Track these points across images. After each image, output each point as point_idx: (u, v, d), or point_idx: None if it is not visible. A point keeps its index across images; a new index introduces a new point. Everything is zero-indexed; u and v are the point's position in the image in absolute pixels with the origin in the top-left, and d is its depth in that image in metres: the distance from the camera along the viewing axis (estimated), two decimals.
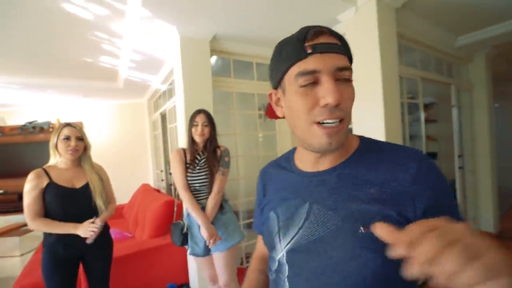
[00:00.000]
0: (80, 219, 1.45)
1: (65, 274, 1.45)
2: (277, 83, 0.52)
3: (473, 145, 3.32)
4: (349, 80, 0.47)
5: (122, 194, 4.19)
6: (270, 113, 0.60)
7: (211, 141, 1.67)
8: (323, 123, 0.46)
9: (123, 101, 4.55)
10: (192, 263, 2.11)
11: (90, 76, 3.27)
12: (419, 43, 2.39)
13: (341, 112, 0.46)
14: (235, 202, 2.76)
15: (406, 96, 2.39)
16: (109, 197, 1.65)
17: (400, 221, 0.44)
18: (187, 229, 1.67)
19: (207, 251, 1.63)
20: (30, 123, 4.20)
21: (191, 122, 1.65)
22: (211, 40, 2.17)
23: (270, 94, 0.56)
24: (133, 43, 2.24)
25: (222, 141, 2.04)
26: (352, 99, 0.48)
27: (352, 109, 0.50)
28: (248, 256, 2.65)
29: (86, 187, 1.52)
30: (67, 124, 1.51)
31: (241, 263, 2.54)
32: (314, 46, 0.46)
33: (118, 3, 1.71)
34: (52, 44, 2.25)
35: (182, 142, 2.14)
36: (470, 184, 3.26)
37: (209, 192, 1.62)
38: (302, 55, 0.46)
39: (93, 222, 1.43)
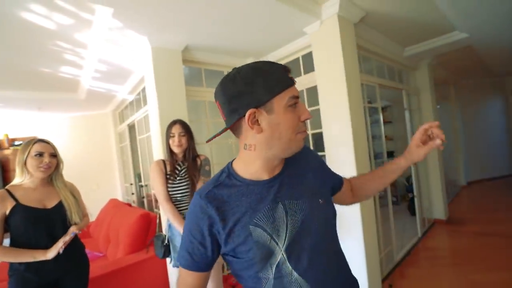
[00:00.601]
0: (53, 243, 1.35)
1: None
2: (261, 104, 0.59)
3: None
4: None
5: (88, 211, 3.91)
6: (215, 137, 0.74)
7: (190, 150, 1.68)
8: (300, 132, 0.63)
9: (84, 112, 4.27)
10: (173, 275, 2.06)
11: (46, 88, 3.04)
12: (374, 53, 2.67)
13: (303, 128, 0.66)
14: None
15: (366, 100, 2.64)
16: (83, 214, 1.58)
17: (325, 181, 0.78)
18: (168, 241, 1.66)
19: None
20: None
21: (168, 133, 1.65)
22: (183, 50, 2.19)
23: (250, 115, 0.59)
24: (99, 53, 2.16)
25: (197, 149, 2.06)
26: None
27: (322, 114, 0.76)
28: None
29: (60, 206, 1.42)
30: (39, 140, 1.41)
31: (223, 271, 2.53)
32: (292, 79, 0.62)
33: (85, 13, 1.66)
34: (5, 52, 2.07)
35: (157, 153, 2.10)
36: (423, 178, 3.65)
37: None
38: (290, 83, 0.61)
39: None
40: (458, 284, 2.27)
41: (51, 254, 1.31)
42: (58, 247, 1.33)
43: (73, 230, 1.39)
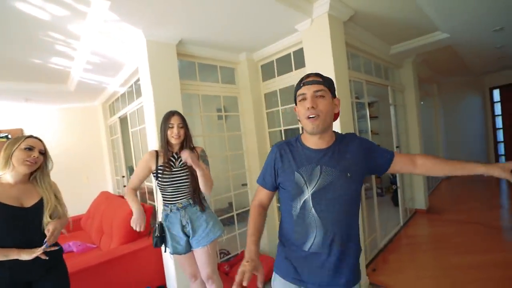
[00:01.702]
0: (30, 244, 1.27)
1: None
2: (295, 98, 1.01)
3: (407, 137, 3.92)
4: (323, 96, 0.93)
5: (78, 205, 3.90)
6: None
7: (187, 141, 1.71)
8: (309, 117, 0.93)
9: (73, 104, 4.20)
10: (169, 263, 2.13)
11: (35, 79, 2.99)
12: (362, 51, 2.78)
13: (316, 111, 0.92)
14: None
15: (354, 95, 2.76)
16: (62, 215, 1.44)
17: (362, 164, 0.99)
18: (160, 232, 1.71)
19: (188, 248, 1.70)
20: None
21: (166, 124, 1.66)
22: (178, 44, 2.22)
23: (295, 108, 1.04)
24: (92, 45, 2.15)
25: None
26: (326, 105, 0.93)
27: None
28: (221, 253, 2.74)
29: (39, 206, 1.34)
30: (32, 136, 1.39)
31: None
32: (304, 82, 0.97)
33: (81, 4, 1.67)
34: None
35: (152, 145, 2.14)
36: None
37: (190, 192, 1.68)
38: (298, 87, 0.99)
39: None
40: (436, 266, 2.46)
41: (25, 256, 1.24)
42: (35, 253, 1.25)
43: (48, 240, 1.29)
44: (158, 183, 1.71)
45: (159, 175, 1.67)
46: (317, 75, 0.97)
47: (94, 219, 3.11)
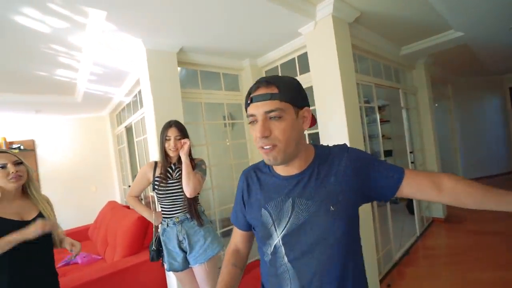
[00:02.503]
0: (30, 258, 1.22)
1: None
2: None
3: (421, 142, 3.73)
4: (279, 117, 0.66)
5: (86, 214, 3.93)
6: None
7: (187, 153, 1.63)
8: (263, 148, 0.68)
9: (81, 115, 4.27)
10: (172, 279, 2.06)
11: (43, 91, 3.04)
12: (370, 53, 2.67)
13: (271, 140, 0.66)
14: (209, 212, 2.76)
15: (363, 99, 2.64)
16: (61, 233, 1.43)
17: (351, 191, 0.70)
18: (157, 246, 1.66)
19: (186, 265, 1.62)
20: None
21: (163, 136, 1.62)
22: (178, 52, 2.19)
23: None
24: (93, 56, 2.16)
25: (193, 151, 2.05)
26: (284, 130, 0.66)
27: (318, 114, 0.70)
28: None
29: (40, 218, 1.29)
30: None
31: None
32: (252, 98, 0.68)
33: (79, 16, 1.66)
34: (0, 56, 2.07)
35: (154, 155, 2.10)
36: None
37: (187, 206, 1.61)
38: (247, 104, 0.70)
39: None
40: (456, 283, 2.27)
41: (28, 234, 1.17)
42: (45, 224, 1.20)
43: (75, 252, 1.33)
44: (156, 194, 1.66)
45: (155, 186, 1.62)
46: (268, 83, 0.67)
47: (100, 230, 3.09)
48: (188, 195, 1.55)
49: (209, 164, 2.58)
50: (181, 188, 1.60)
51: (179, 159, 1.65)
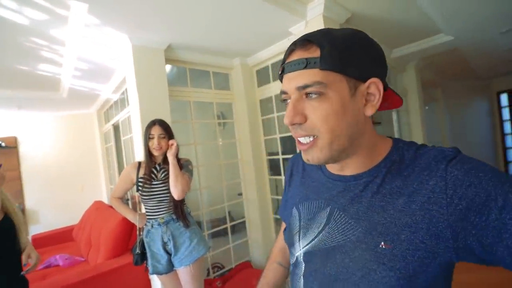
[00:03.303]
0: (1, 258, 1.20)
1: None
2: None
3: None
4: (320, 94, 0.44)
5: (71, 215, 3.81)
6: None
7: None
8: (298, 141, 0.48)
9: (67, 112, 4.14)
10: (156, 282, 2.00)
11: (26, 86, 2.92)
12: None
13: (306, 130, 0.46)
14: (198, 213, 2.71)
15: None
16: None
17: (430, 233, 0.40)
18: (140, 249, 1.60)
19: (170, 268, 1.57)
20: None
21: (147, 135, 1.57)
22: (166, 49, 2.13)
23: None
24: (77, 51, 2.07)
25: (181, 151, 2.00)
26: (323, 114, 0.44)
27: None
28: (214, 267, 2.60)
29: (5, 221, 1.26)
30: None
31: (208, 274, 2.49)
32: (284, 66, 0.48)
33: (60, 8, 1.59)
34: None
35: (140, 154, 2.04)
36: None
37: (172, 206, 1.56)
38: (280, 76, 0.50)
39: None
40: None
41: None
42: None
43: (31, 264, 1.27)
44: (140, 195, 1.60)
45: (139, 187, 1.57)
46: (307, 42, 0.45)
47: (84, 230, 3.00)
48: (176, 197, 1.50)
49: (197, 164, 2.53)
50: (167, 189, 1.55)
51: (164, 159, 1.60)
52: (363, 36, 0.48)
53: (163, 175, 1.58)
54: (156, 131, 1.54)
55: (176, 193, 1.49)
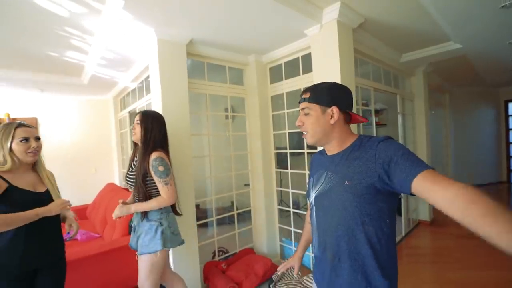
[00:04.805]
0: (42, 228, 1.32)
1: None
2: None
3: (414, 147, 3.87)
4: (307, 114, 0.94)
5: (84, 194, 4.01)
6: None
7: (144, 143, 1.59)
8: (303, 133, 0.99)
9: (85, 97, 4.32)
10: (171, 256, 2.17)
11: (51, 70, 3.10)
12: (371, 58, 2.77)
13: (303, 129, 0.97)
14: (205, 200, 2.88)
15: (361, 102, 2.75)
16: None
17: (367, 174, 0.81)
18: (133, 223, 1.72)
19: (136, 247, 1.67)
20: None
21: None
22: (188, 43, 2.26)
23: None
24: (106, 41, 2.22)
25: (194, 141, 2.13)
26: (310, 123, 0.93)
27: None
28: (220, 251, 2.78)
29: (48, 193, 1.39)
30: (21, 124, 1.35)
31: (213, 257, 2.67)
32: (300, 100, 0.99)
33: (96, 2, 1.73)
34: (13, 35, 2.13)
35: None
36: None
37: (135, 199, 1.62)
38: (299, 102, 1.01)
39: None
40: (435, 280, 2.43)
41: (52, 209, 1.29)
42: (60, 205, 1.31)
43: (72, 233, 1.43)
44: None
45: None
46: (307, 90, 0.96)
47: (99, 210, 3.20)
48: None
49: (209, 154, 2.68)
50: (132, 181, 1.62)
51: (141, 148, 1.62)
52: (332, 86, 0.96)
53: (136, 167, 1.61)
54: (136, 118, 1.65)
55: (158, 208, 1.59)
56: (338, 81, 2.03)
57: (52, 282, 1.39)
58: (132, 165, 1.67)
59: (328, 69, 2.09)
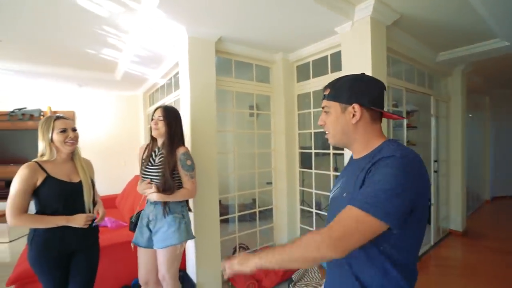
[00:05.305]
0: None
1: (62, 268, 1.42)
2: None
3: (447, 152, 3.64)
4: (327, 112, 0.86)
5: (114, 185, 4.24)
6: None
7: (170, 138, 1.64)
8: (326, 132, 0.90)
9: (117, 92, 4.55)
10: (190, 249, 2.24)
11: (88, 67, 3.29)
12: (405, 57, 2.63)
13: (325, 128, 0.88)
14: (228, 196, 2.91)
15: (391, 103, 2.64)
16: (96, 195, 1.61)
17: (357, 187, 0.75)
18: (136, 218, 1.75)
19: (149, 244, 1.66)
20: (19, 109, 4.12)
21: (150, 117, 1.69)
22: (217, 41, 2.30)
23: None
24: (139, 39, 2.32)
25: (218, 137, 2.15)
26: (330, 122, 0.84)
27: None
28: (240, 247, 2.81)
29: (80, 184, 1.48)
30: (59, 117, 1.46)
31: (234, 252, 2.70)
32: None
33: (132, 1, 1.81)
34: (55, 33, 2.27)
35: (186, 137, 2.25)
36: (442, 187, 3.57)
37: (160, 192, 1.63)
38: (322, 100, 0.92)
39: (92, 220, 1.47)
40: None
41: (75, 222, 1.39)
42: (83, 220, 1.41)
43: (97, 220, 1.50)
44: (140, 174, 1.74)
45: (142, 167, 1.71)
46: (327, 86, 0.87)
47: (127, 200, 3.36)
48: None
49: (234, 151, 2.71)
50: (158, 174, 1.61)
51: (163, 143, 1.66)
52: (357, 78, 0.83)
53: (159, 160, 1.64)
54: (157, 113, 1.66)
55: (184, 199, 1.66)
56: None
57: (86, 263, 1.51)
58: (151, 160, 1.68)
59: (359, 68, 2.02)
